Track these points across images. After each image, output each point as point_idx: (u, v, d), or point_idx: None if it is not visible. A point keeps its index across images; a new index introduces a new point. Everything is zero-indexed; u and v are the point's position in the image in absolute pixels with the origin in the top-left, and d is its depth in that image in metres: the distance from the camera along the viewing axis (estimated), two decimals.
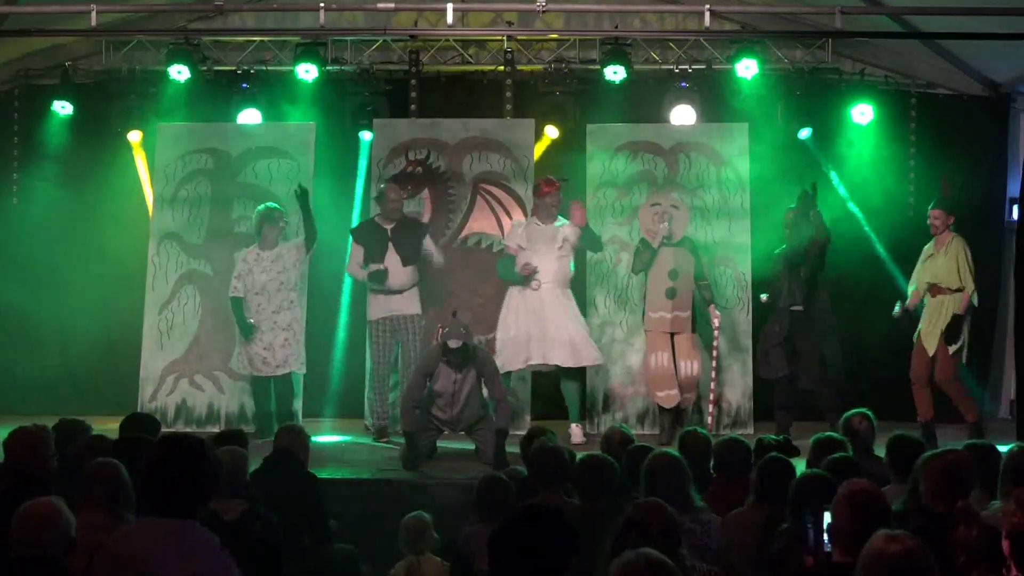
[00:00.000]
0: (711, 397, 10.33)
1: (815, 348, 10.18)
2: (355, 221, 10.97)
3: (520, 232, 10.19)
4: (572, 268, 10.17)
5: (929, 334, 9.82)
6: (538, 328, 9.96)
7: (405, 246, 10.26)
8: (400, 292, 10.24)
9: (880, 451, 6.81)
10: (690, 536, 5.39)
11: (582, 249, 10.39)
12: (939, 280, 9.83)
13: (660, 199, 10.56)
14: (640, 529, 4.43)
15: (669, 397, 10.14)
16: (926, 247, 9.98)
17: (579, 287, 10.69)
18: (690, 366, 10.13)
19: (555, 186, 10.15)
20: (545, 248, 10.04)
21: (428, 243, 10.49)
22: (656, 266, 10.14)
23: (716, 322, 10.18)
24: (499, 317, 10.18)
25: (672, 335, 10.17)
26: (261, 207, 10.44)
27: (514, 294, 10.13)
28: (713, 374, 10.27)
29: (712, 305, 10.21)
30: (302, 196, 10.21)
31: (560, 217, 10.17)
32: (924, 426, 9.75)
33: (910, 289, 10.03)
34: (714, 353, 10.29)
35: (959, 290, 9.75)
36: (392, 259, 10.18)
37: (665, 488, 5.40)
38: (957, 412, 9.77)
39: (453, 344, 8.89)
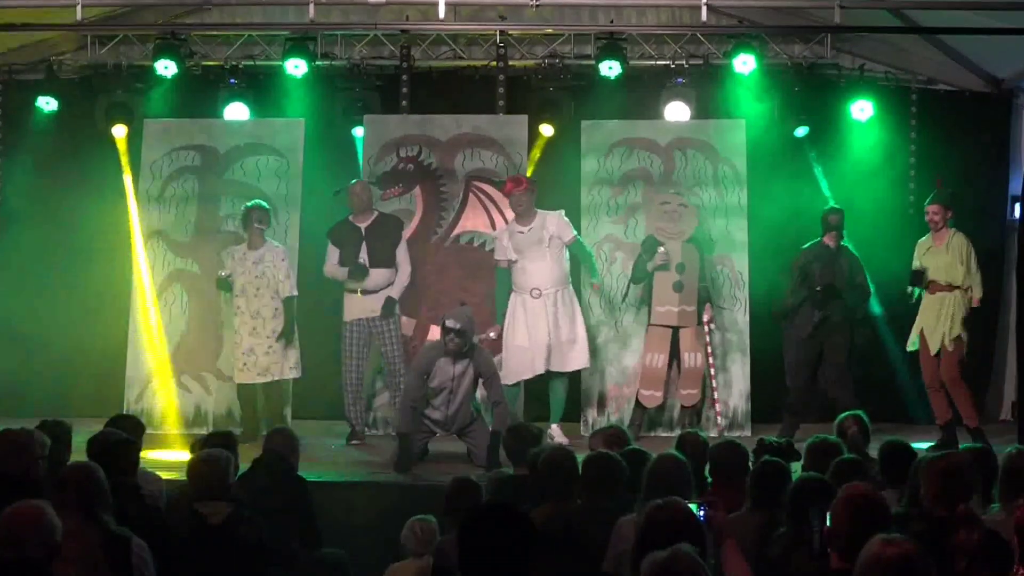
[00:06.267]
0: (714, 397, 10.37)
1: (840, 351, 10.09)
2: None
3: (506, 243, 10.08)
4: (567, 261, 10.11)
5: (932, 333, 9.72)
6: (551, 336, 9.91)
7: (378, 247, 10.16)
8: (375, 292, 10.15)
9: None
10: None
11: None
12: (938, 277, 9.73)
13: (670, 198, 10.52)
14: (666, 529, 4.32)
15: (652, 398, 10.29)
16: (922, 240, 9.92)
17: (573, 287, 10.64)
18: (693, 358, 10.27)
19: (523, 185, 10.04)
20: (536, 252, 9.98)
21: (402, 253, 10.31)
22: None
23: (707, 317, 10.24)
24: (504, 325, 10.04)
25: (678, 330, 10.23)
26: (249, 203, 10.35)
27: (517, 302, 10.04)
28: (712, 371, 10.34)
29: (708, 303, 10.26)
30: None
31: (538, 211, 10.11)
32: (944, 428, 9.68)
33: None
34: (708, 351, 10.30)
35: (958, 287, 9.63)
36: (364, 259, 10.12)
37: (669, 491, 5.27)
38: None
39: (450, 324, 8.79)
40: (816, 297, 10.02)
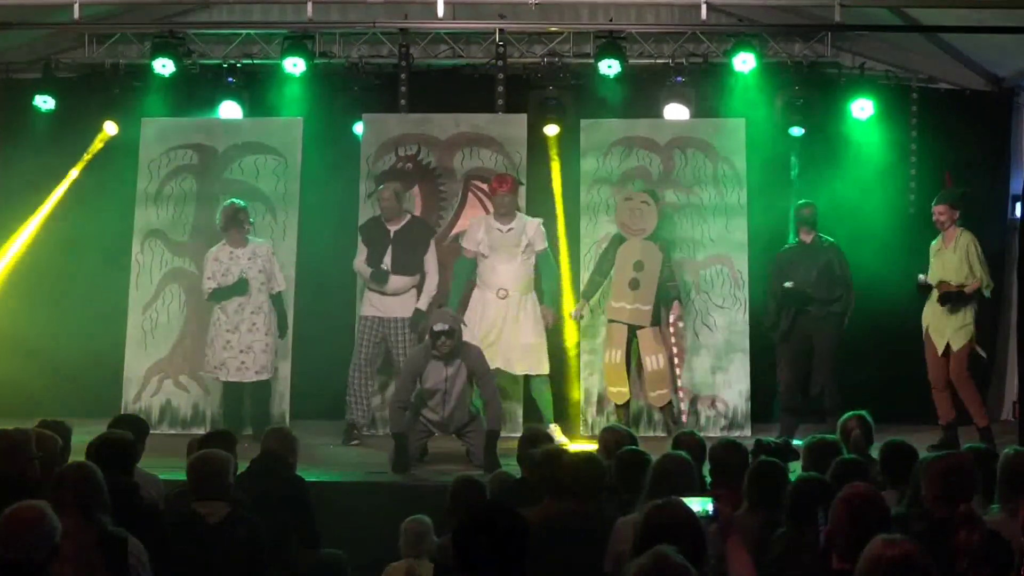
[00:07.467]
0: (679, 396, 10.34)
1: (827, 348, 10.07)
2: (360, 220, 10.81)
3: (480, 236, 10.09)
4: (534, 268, 10.17)
5: (937, 332, 9.67)
6: (504, 335, 9.95)
7: (403, 253, 10.13)
8: (395, 295, 10.13)
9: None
10: None
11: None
12: (948, 277, 9.66)
13: (633, 195, 10.49)
14: (665, 530, 4.30)
15: (619, 394, 10.26)
16: (933, 243, 9.84)
17: (573, 287, 10.75)
18: (655, 361, 10.20)
19: (507, 184, 10.05)
20: (508, 255, 10.04)
21: (431, 262, 10.28)
22: (621, 257, 10.18)
23: (673, 316, 10.19)
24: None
25: (634, 330, 10.18)
26: (225, 202, 10.33)
27: (479, 299, 10.09)
28: (679, 372, 10.30)
29: (676, 301, 10.20)
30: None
31: (519, 214, 10.15)
32: (945, 429, 9.64)
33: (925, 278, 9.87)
34: (675, 350, 10.27)
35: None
36: (388, 262, 10.10)
37: (673, 490, 5.24)
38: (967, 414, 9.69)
39: (439, 327, 8.76)
40: (782, 296, 10.02)
